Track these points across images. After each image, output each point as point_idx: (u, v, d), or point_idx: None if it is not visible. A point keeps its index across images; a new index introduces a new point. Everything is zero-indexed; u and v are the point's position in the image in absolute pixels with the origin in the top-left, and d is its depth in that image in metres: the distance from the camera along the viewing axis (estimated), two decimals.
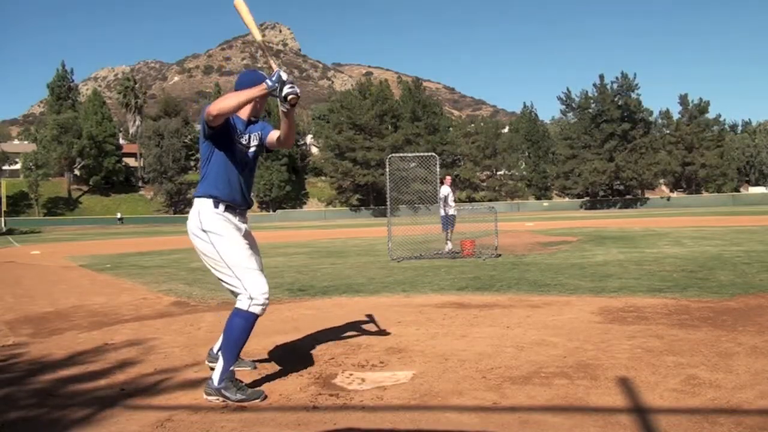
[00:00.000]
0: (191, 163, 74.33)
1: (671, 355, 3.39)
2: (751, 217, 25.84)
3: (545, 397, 2.77)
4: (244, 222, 3.12)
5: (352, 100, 69.94)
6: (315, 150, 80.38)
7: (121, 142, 76.97)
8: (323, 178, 74.34)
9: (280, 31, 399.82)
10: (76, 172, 69.06)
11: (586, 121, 68.81)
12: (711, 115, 73.76)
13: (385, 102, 69.48)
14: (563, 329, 4.22)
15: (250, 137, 3.09)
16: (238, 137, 3.03)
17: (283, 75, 2.79)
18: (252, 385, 3.00)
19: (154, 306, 6.20)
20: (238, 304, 2.90)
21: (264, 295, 2.89)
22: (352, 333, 4.35)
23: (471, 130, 77.73)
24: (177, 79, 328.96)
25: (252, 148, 3.10)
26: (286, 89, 2.79)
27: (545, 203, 70.08)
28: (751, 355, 3.35)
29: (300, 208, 71.49)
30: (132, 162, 75.14)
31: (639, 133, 67.36)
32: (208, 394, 2.87)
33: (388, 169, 11.32)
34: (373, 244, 15.45)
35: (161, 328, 4.85)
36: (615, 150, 66.56)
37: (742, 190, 76.31)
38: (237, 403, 2.80)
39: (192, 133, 74.73)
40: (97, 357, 3.89)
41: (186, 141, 72.93)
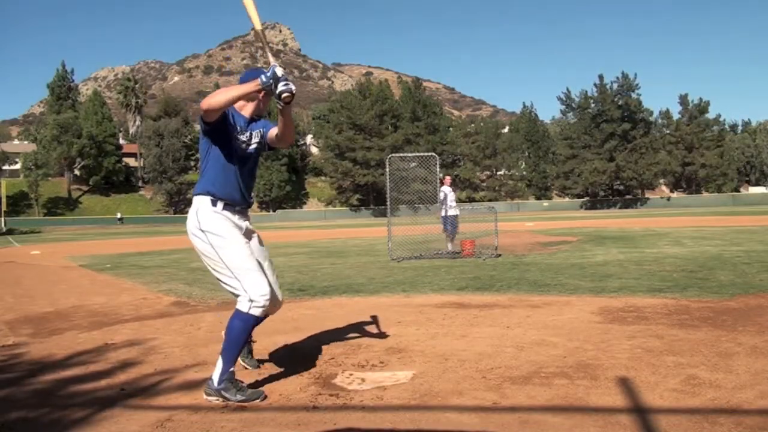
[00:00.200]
0: (191, 163, 74.29)
1: (671, 355, 3.39)
2: (751, 217, 25.84)
3: (545, 397, 2.77)
4: (245, 220, 3.10)
5: (352, 100, 69.94)
6: (315, 150, 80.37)
7: (121, 142, 76.96)
8: (323, 178, 74.34)
9: (280, 31, 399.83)
10: (76, 172, 69.05)
11: (586, 121, 68.80)
12: (711, 115, 73.83)
13: (385, 102, 69.48)
14: (563, 329, 4.22)
15: (251, 135, 3.07)
16: (238, 134, 3.00)
17: (278, 71, 2.73)
18: (252, 385, 3.00)
19: (154, 306, 6.20)
20: (238, 306, 2.88)
21: (264, 297, 2.86)
22: (352, 333, 4.35)
23: (471, 130, 77.72)
24: (177, 79, 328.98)
25: (253, 146, 3.08)
26: (280, 86, 2.73)
27: (545, 203, 70.08)
28: (751, 355, 3.35)
29: (300, 208, 71.50)
30: (132, 162, 75.14)
31: (639, 133, 67.36)
32: (207, 394, 2.87)
33: (388, 169, 11.32)
34: (373, 244, 15.45)
35: (161, 328, 4.85)
36: (615, 150, 66.55)
37: (742, 190, 76.31)
38: (237, 403, 2.80)
39: (192, 133, 74.69)
40: (97, 357, 3.89)
41: (186, 141, 72.90)
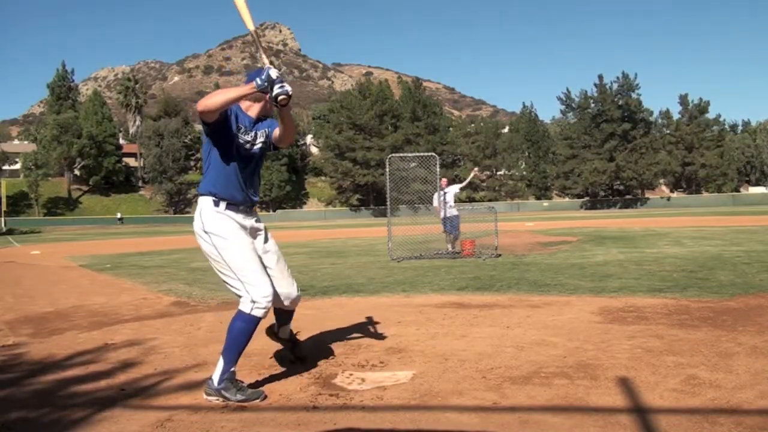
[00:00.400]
0: (191, 163, 74.30)
1: (671, 355, 3.39)
2: (751, 217, 25.84)
3: (545, 397, 2.77)
4: (251, 218, 3.09)
5: (352, 100, 69.94)
6: (315, 150, 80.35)
7: (121, 142, 76.93)
8: (323, 178, 74.33)
9: (280, 31, 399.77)
10: (76, 172, 69.03)
11: (586, 121, 68.79)
12: (711, 115, 73.82)
13: (385, 102, 69.46)
14: (563, 329, 4.22)
15: (256, 134, 3.07)
16: (242, 134, 3.01)
17: (273, 73, 2.72)
18: (252, 385, 3.00)
19: (154, 306, 6.20)
20: (240, 307, 2.90)
21: (266, 298, 2.88)
22: (352, 333, 4.35)
23: (471, 130, 77.69)
24: (177, 79, 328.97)
25: (257, 146, 3.08)
26: (276, 89, 2.72)
27: (545, 203, 70.07)
28: (751, 355, 3.35)
29: (300, 208, 71.49)
30: (132, 162, 75.12)
31: (639, 133, 67.34)
32: (208, 394, 2.88)
33: (388, 169, 11.32)
34: (373, 244, 15.45)
35: (161, 328, 4.85)
36: (615, 150, 66.54)
37: (742, 190, 76.32)
38: (237, 403, 2.80)
39: (192, 133, 74.66)
40: (97, 357, 3.89)
41: (186, 141, 72.89)
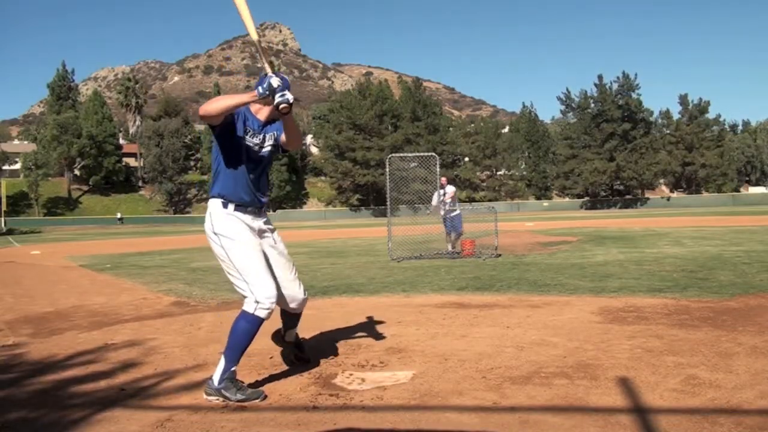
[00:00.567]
0: (191, 163, 74.30)
1: (671, 355, 3.39)
2: (751, 217, 25.85)
3: (545, 397, 2.77)
4: (259, 219, 3.12)
5: (352, 100, 69.93)
6: (315, 150, 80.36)
7: (121, 142, 76.93)
8: (323, 178, 74.32)
9: (280, 31, 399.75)
10: (76, 172, 69.03)
11: (586, 121, 68.80)
12: (711, 115, 73.83)
13: (385, 102, 69.45)
14: (563, 329, 4.22)
15: (264, 137, 3.11)
16: (251, 137, 3.05)
17: (274, 82, 2.75)
18: (252, 385, 3.01)
19: (154, 306, 6.20)
20: (244, 307, 2.93)
21: (270, 299, 2.91)
22: (352, 333, 4.35)
23: (471, 130, 77.71)
24: (177, 79, 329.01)
25: (266, 149, 3.12)
26: (277, 98, 2.75)
27: (545, 203, 70.07)
28: (751, 355, 3.35)
29: (300, 208, 71.46)
30: (132, 162, 75.13)
31: (639, 133, 67.36)
32: (208, 394, 2.88)
33: (388, 169, 11.32)
34: (373, 244, 15.45)
35: (161, 328, 4.85)
36: (615, 150, 66.54)
37: (742, 190, 76.33)
38: (237, 403, 2.80)
39: (192, 133, 74.66)
40: (98, 357, 3.89)
41: (186, 141, 72.88)
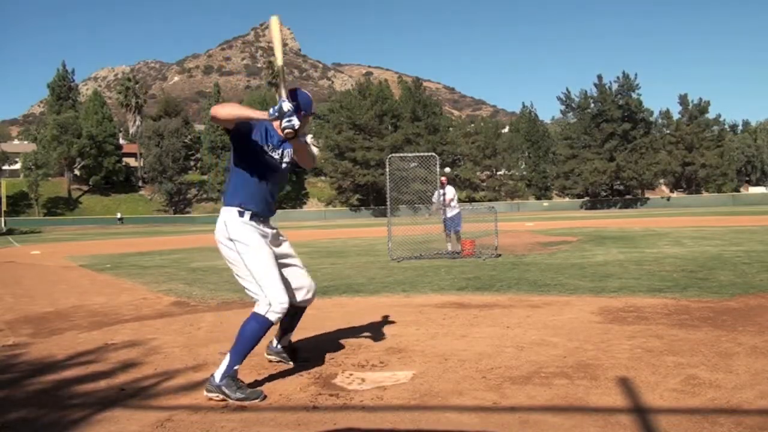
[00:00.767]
0: (191, 163, 74.28)
1: (671, 355, 3.39)
2: (751, 217, 25.85)
3: (545, 397, 2.77)
4: (270, 227, 3.22)
5: (352, 100, 69.91)
6: (315, 150, 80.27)
7: (121, 142, 76.93)
8: (323, 178, 74.30)
9: (280, 30, 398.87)
10: (76, 172, 69.02)
11: (586, 121, 68.81)
12: (711, 115, 73.83)
13: (385, 102, 69.44)
14: (563, 329, 4.22)
15: (283, 152, 3.18)
16: (270, 150, 3.11)
17: (284, 107, 2.79)
18: (252, 385, 3.01)
19: (154, 306, 6.20)
20: (256, 309, 2.97)
21: (282, 305, 2.98)
22: (352, 333, 4.35)
23: (471, 130, 77.69)
24: (177, 79, 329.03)
25: (284, 165, 3.20)
26: (284, 122, 2.79)
27: (545, 203, 70.06)
28: (751, 355, 3.35)
29: (300, 208, 71.45)
30: (132, 162, 75.12)
31: (639, 133, 67.35)
32: (208, 390, 2.90)
33: (388, 169, 11.32)
34: (373, 244, 15.45)
35: (161, 328, 4.85)
36: (615, 150, 66.53)
37: (742, 190, 76.33)
38: (237, 402, 2.80)
39: (192, 133, 74.63)
40: (98, 357, 3.89)
41: (186, 141, 72.86)
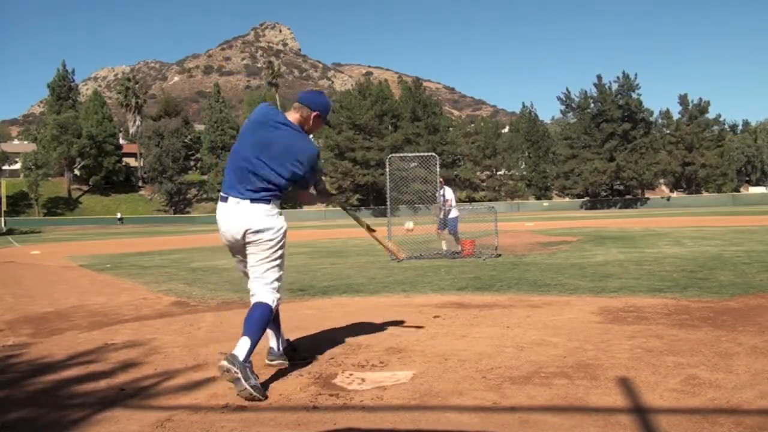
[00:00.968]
0: (191, 163, 74.30)
1: (671, 355, 3.39)
2: (751, 217, 25.85)
3: (545, 397, 2.77)
4: None
5: (352, 100, 69.95)
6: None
7: (121, 142, 76.97)
8: (323, 178, 74.24)
9: (280, 31, 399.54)
10: (76, 172, 69.06)
11: (586, 121, 68.83)
12: (711, 115, 73.86)
13: (385, 102, 69.48)
14: (563, 329, 4.22)
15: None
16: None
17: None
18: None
19: (154, 306, 6.20)
20: (264, 299, 3.09)
21: (278, 295, 3.22)
22: (352, 333, 4.35)
23: (471, 130, 77.75)
24: (177, 79, 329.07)
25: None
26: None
27: (545, 203, 70.07)
28: (751, 355, 3.35)
29: (300, 208, 71.49)
30: (132, 162, 75.15)
31: (639, 133, 67.37)
32: (230, 363, 2.79)
33: (388, 169, 11.33)
34: (373, 244, 15.35)
35: (161, 328, 4.84)
36: (615, 150, 66.55)
37: (742, 190, 76.34)
38: (243, 393, 2.79)
39: (192, 133, 74.63)
40: (98, 357, 3.89)
41: (186, 141, 72.88)
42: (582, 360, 3.37)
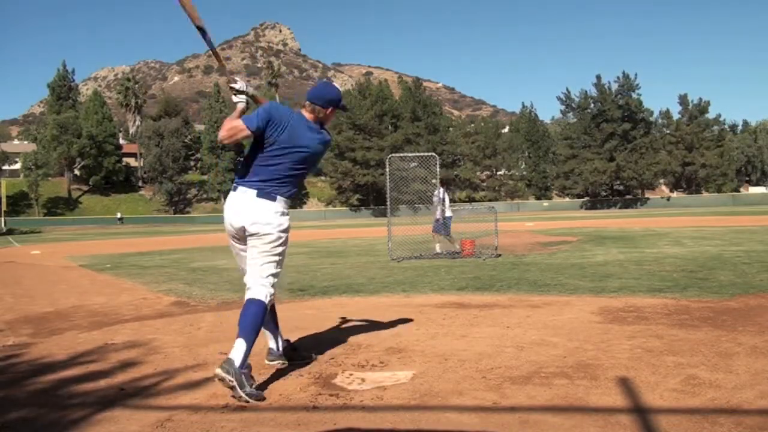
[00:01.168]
0: (191, 163, 74.27)
1: (671, 355, 3.39)
2: (751, 217, 25.85)
3: (545, 397, 2.77)
4: None
5: (352, 100, 69.92)
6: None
7: (121, 142, 76.93)
8: (323, 178, 74.33)
9: (280, 31, 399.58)
10: (76, 172, 69.05)
11: (586, 121, 68.86)
12: (711, 115, 73.86)
13: (385, 102, 69.51)
14: (563, 329, 4.22)
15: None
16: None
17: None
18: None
19: (154, 306, 6.20)
20: (257, 296, 3.09)
21: (272, 291, 3.20)
22: (352, 333, 4.35)
23: (471, 130, 77.79)
24: (177, 79, 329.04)
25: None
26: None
27: (545, 203, 70.10)
28: (751, 355, 3.35)
29: (300, 208, 71.48)
30: (132, 162, 75.14)
31: (639, 133, 67.40)
32: (225, 371, 2.78)
33: (388, 169, 11.32)
34: (373, 244, 15.45)
35: (161, 328, 4.84)
36: (615, 150, 66.59)
37: (742, 190, 76.34)
38: (243, 397, 2.78)
39: (192, 133, 74.59)
40: (97, 357, 3.89)
41: (186, 141, 72.85)
42: (582, 360, 3.37)
